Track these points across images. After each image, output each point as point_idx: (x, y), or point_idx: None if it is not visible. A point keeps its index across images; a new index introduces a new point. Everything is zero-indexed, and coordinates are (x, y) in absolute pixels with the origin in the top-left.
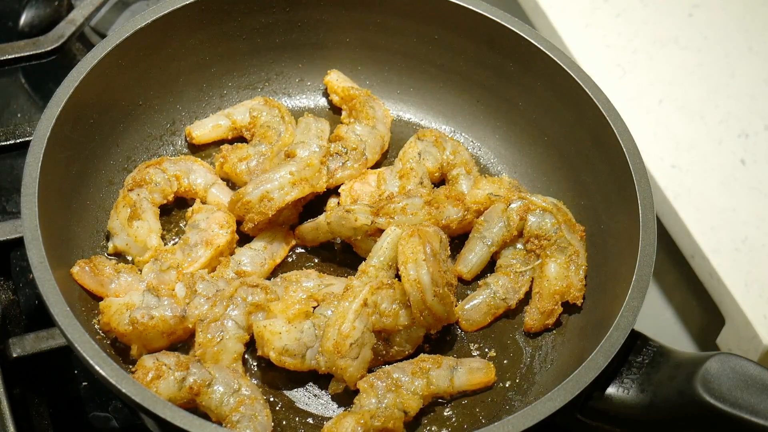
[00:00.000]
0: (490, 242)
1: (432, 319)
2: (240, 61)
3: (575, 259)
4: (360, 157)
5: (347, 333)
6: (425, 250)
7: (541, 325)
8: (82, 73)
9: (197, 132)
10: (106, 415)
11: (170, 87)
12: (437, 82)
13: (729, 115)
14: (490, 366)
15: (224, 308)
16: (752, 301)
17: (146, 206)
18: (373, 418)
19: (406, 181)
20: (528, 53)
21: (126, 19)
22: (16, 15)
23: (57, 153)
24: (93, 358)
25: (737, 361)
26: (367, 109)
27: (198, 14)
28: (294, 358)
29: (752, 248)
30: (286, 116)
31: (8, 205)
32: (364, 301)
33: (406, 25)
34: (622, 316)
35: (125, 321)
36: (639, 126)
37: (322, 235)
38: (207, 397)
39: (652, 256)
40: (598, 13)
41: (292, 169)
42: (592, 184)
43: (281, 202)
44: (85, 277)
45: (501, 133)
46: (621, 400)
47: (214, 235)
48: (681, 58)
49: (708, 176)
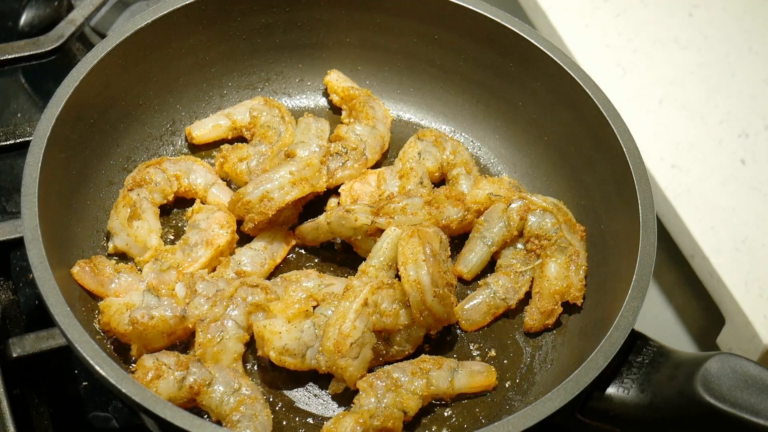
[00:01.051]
0: (491, 242)
1: (432, 319)
2: (240, 61)
3: (575, 259)
4: (360, 157)
5: (348, 333)
6: (425, 250)
7: (541, 325)
8: (82, 73)
9: (197, 132)
10: (106, 415)
11: (170, 87)
12: (437, 82)
13: (729, 115)
14: (491, 370)
15: (224, 308)
16: (752, 301)
17: (146, 206)
18: (372, 418)
19: (406, 181)
20: (528, 53)
21: (126, 19)
22: (16, 15)
23: (57, 153)
24: (93, 358)
25: (737, 361)
26: (367, 109)
27: (198, 14)
28: (294, 358)
29: (752, 248)
30: (286, 116)
31: (8, 205)
32: (365, 300)
33: (406, 25)
34: (622, 316)
35: (125, 321)
36: (639, 126)
37: (322, 235)
38: (207, 397)
39: (652, 256)
40: (598, 13)
41: (292, 168)
42: (592, 184)
43: (281, 202)
44: (85, 277)
45: (501, 133)
46: (621, 400)
47: (214, 235)
48: (681, 58)
49: (708, 176)
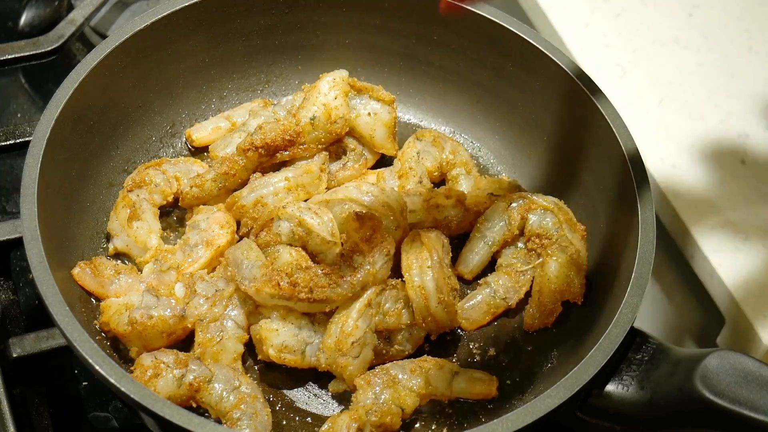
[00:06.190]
0: (491, 242)
1: (434, 325)
2: (239, 63)
3: (576, 259)
4: (360, 157)
5: (350, 331)
6: (432, 257)
7: (541, 324)
8: (82, 74)
9: (197, 135)
10: (106, 415)
11: (170, 89)
12: (437, 82)
13: (729, 115)
14: (493, 380)
15: (224, 308)
16: (752, 301)
17: (146, 207)
18: (369, 414)
19: (405, 180)
20: (528, 53)
21: (126, 19)
22: (16, 15)
23: (57, 154)
24: (93, 357)
25: (736, 357)
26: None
27: (197, 16)
28: (294, 354)
29: (752, 248)
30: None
31: (8, 205)
32: (369, 301)
33: (405, 26)
34: (621, 313)
35: (124, 321)
36: (639, 126)
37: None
38: (207, 394)
39: (651, 254)
40: (598, 13)
41: (288, 174)
42: (592, 183)
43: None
44: (85, 278)
45: (501, 134)
46: (620, 397)
47: (214, 235)
48: (681, 58)
49: (708, 176)
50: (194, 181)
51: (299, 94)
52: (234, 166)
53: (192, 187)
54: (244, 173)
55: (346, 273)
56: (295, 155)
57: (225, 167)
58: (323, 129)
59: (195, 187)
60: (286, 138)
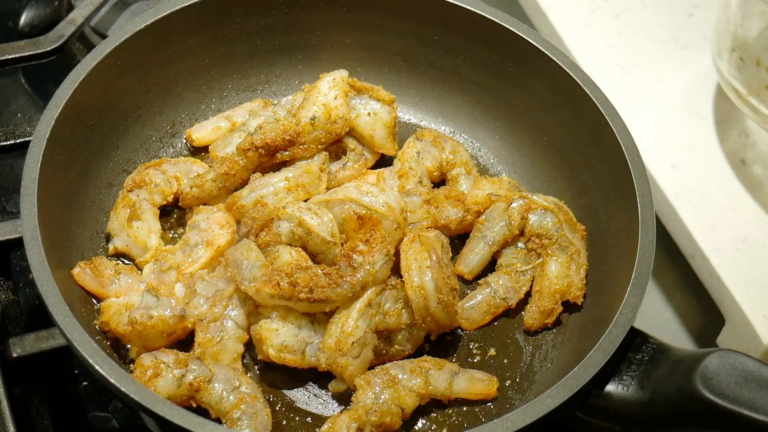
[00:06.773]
0: (491, 241)
1: (434, 325)
2: (239, 63)
3: (576, 258)
4: (360, 157)
5: (350, 332)
6: (431, 257)
7: (540, 323)
8: (82, 74)
9: (197, 135)
10: (106, 415)
11: (170, 89)
12: (437, 83)
13: (729, 115)
14: (494, 380)
15: (224, 308)
16: (752, 301)
17: (146, 207)
18: (368, 413)
19: (405, 180)
20: (528, 53)
21: (126, 19)
22: (16, 15)
23: (57, 154)
24: (93, 357)
25: (736, 357)
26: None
27: (197, 16)
28: (294, 354)
29: (752, 248)
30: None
31: (8, 205)
32: (369, 301)
33: (405, 26)
34: (621, 313)
35: (124, 321)
36: (639, 126)
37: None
38: (207, 393)
39: (651, 253)
40: (598, 13)
41: (288, 175)
42: (592, 183)
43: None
44: (85, 278)
45: (501, 134)
46: (621, 397)
47: (214, 235)
48: (681, 58)
49: (708, 176)
50: (194, 181)
51: (299, 94)
52: (234, 166)
53: (192, 187)
54: (244, 173)
55: (346, 273)
56: (295, 155)
57: (225, 167)
58: (323, 129)
59: (195, 187)
60: (286, 138)
